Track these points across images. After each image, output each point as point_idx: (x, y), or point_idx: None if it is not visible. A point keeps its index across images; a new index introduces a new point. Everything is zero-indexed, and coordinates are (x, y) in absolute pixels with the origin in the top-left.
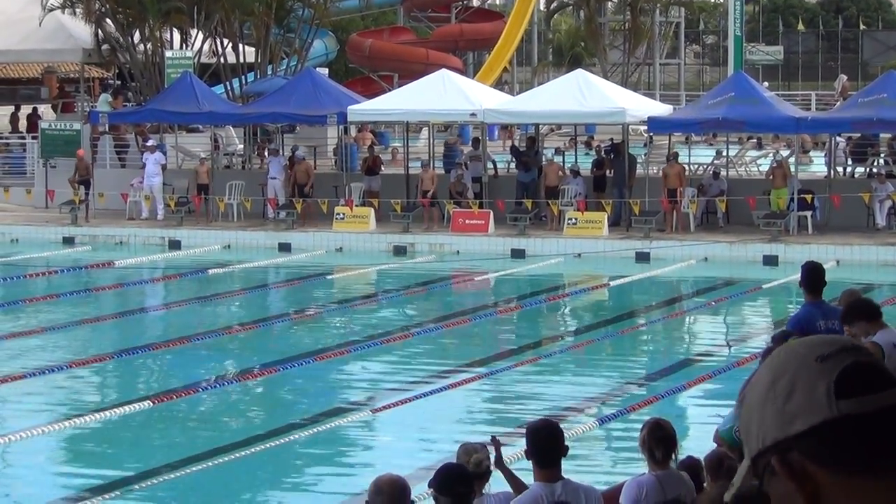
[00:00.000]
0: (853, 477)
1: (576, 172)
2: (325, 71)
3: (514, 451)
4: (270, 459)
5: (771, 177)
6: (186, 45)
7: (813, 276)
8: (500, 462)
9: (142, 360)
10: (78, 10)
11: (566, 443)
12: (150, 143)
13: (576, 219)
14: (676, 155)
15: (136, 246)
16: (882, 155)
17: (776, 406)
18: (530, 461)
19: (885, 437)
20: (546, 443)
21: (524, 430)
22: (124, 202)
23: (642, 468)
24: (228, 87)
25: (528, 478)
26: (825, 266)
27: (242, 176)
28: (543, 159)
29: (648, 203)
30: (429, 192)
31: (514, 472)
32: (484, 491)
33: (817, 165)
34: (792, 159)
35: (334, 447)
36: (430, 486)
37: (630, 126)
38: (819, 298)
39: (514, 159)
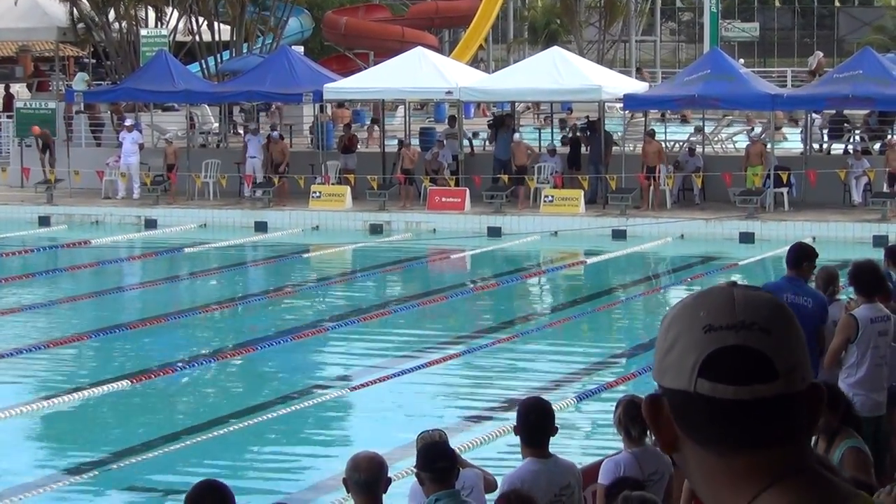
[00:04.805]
0: (698, 445)
1: (552, 151)
2: (301, 49)
3: (491, 429)
4: (248, 437)
5: (747, 156)
6: (161, 24)
7: (792, 252)
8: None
9: (118, 340)
10: None
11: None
12: (128, 122)
13: (552, 196)
14: (653, 132)
15: (111, 225)
16: (858, 131)
17: (659, 353)
18: (518, 438)
19: (730, 424)
20: (536, 421)
21: (504, 410)
22: (100, 181)
23: (619, 445)
24: (204, 66)
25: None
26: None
27: (218, 154)
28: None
29: (625, 180)
30: (410, 170)
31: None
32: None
33: (791, 143)
34: (761, 134)
35: (312, 425)
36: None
37: (606, 103)
38: (796, 276)
39: (490, 130)
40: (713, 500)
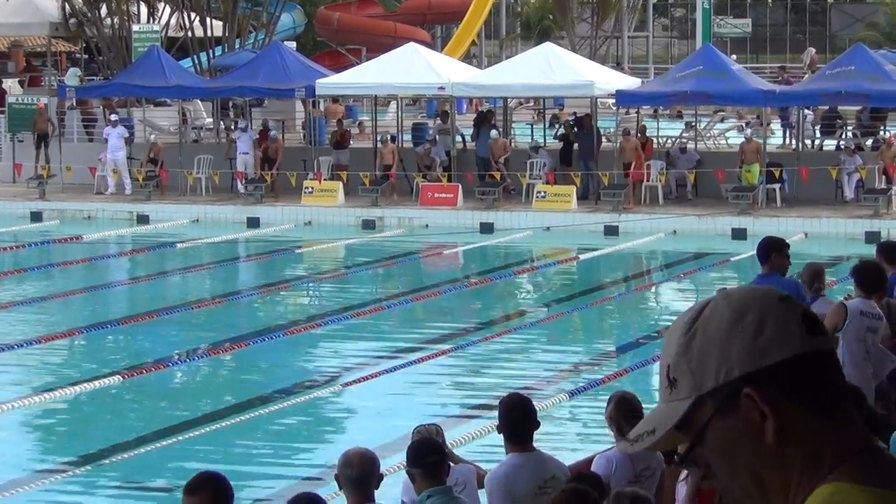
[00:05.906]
0: (812, 413)
1: (535, 149)
2: (293, 45)
3: (484, 425)
4: (240, 433)
5: (742, 153)
6: (154, 19)
7: (760, 248)
8: (451, 455)
9: (111, 335)
10: None
11: (537, 417)
12: (112, 117)
13: (544, 192)
14: (644, 129)
15: (103, 220)
16: (850, 128)
17: (744, 339)
18: (501, 435)
19: (835, 375)
20: (519, 418)
21: (496, 405)
22: (92, 176)
23: (610, 442)
24: (196, 61)
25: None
26: (794, 239)
27: (210, 150)
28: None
29: (617, 176)
30: (390, 166)
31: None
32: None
33: (778, 138)
34: (749, 131)
35: (304, 421)
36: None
37: (598, 99)
38: (769, 270)
39: (474, 126)
40: (807, 464)
